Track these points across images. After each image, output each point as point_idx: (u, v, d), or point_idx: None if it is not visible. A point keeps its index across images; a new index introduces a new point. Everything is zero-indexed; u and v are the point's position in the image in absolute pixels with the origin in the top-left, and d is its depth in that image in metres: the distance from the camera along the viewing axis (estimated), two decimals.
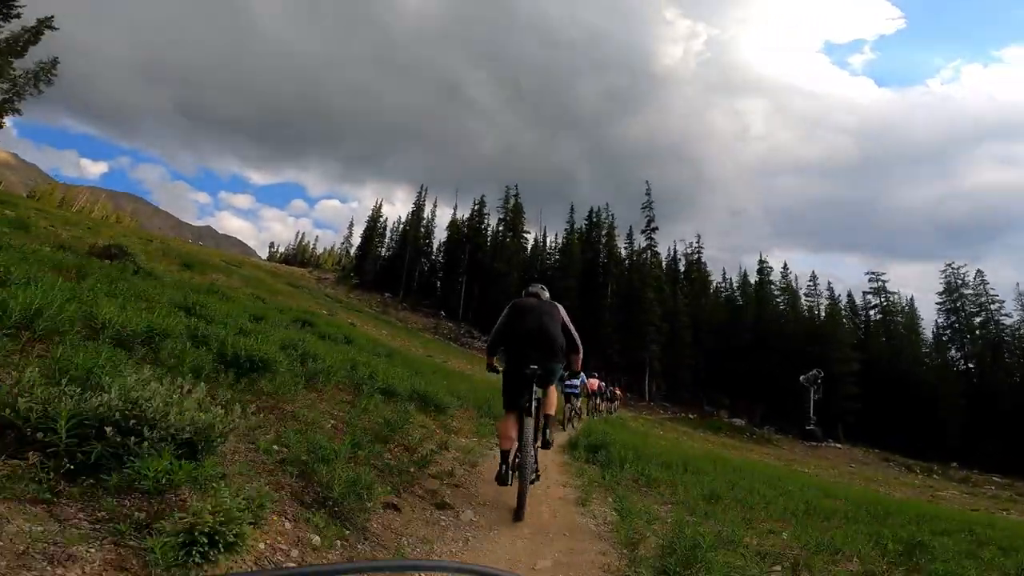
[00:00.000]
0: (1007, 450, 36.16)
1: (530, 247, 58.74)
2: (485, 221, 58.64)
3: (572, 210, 57.80)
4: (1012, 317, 44.65)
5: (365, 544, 2.33)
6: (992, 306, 45.57)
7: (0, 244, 6.86)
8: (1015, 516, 14.34)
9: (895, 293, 53.06)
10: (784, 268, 54.81)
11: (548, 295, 3.96)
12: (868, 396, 41.59)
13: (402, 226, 61.90)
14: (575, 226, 56.84)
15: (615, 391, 22.52)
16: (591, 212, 57.50)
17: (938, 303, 49.65)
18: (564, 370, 3.65)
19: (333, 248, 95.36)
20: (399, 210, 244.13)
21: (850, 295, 54.51)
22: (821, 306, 52.20)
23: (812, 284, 53.46)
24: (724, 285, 58.23)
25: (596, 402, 16.46)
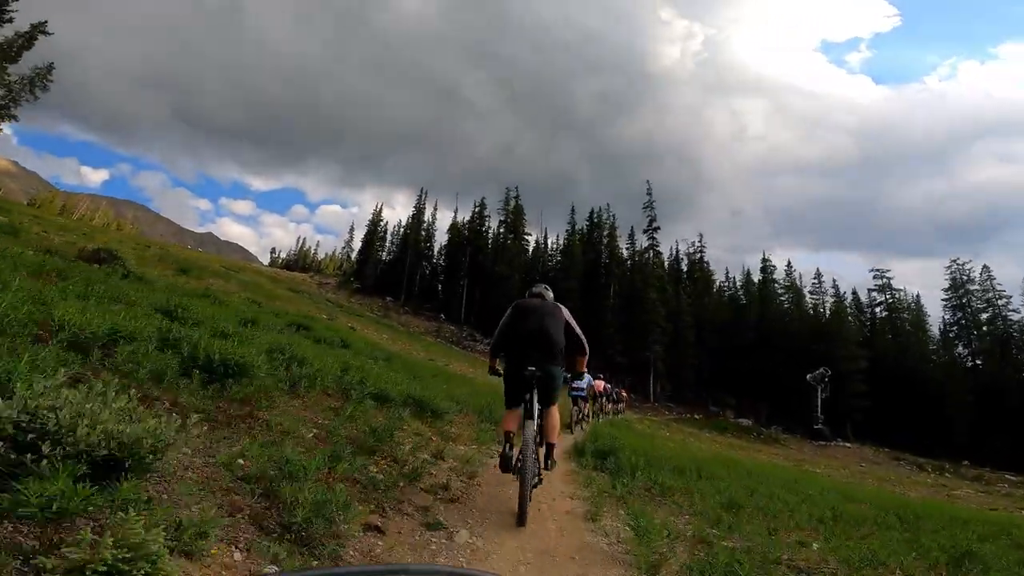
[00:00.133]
0: (1016, 446, 35.62)
1: (531, 249, 58.42)
2: (486, 223, 58.37)
3: (573, 211, 57.56)
4: (1020, 312, 44.06)
5: None
6: (999, 301, 44.99)
7: None
8: None
9: (900, 290, 52.61)
10: (788, 266, 54.32)
11: (552, 296, 3.87)
12: (875, 394, 41.07)
13: (402, 230, 61.67)
14: (576, 227, 56.57)
15: (620, 392, 22.16)
16: (592, 213, 57.22)
17: (944, 299, 49.12)
18: (567, 371, 3.54)
19: (334, 253, 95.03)
20: (399, 214, 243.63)
21: (855, 292, 53.90)
22: (826, 304, 51.69)
23: (817, 282, 52.98)
24: (727, 284, 57.77)
25: (602, 403, 16.32)
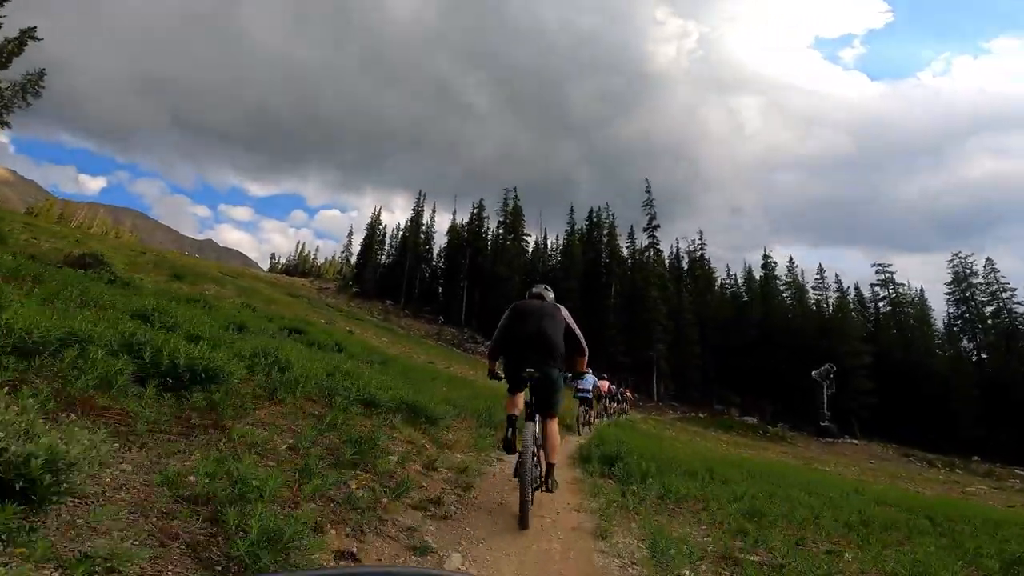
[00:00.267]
0: (1023, 439, 35.20)
1: (531, 250, 58.11)
2: (485, 225, 58.07)
3: (572, 211, 57.26)
4: None
5: None
6: (1004, 294, 44.53)
7: None
8: None
9: (903, 284, 52.16)
10: (790, 262, 53.94)
11: (553, 296, 3.79)
12: (880, 389, 40.62)
13: (401, 233, 61.38)
14: (575, 227, 56.27)
15: (624, 393, 21.80)
16: (591, 212, 56.89)
17: (947, 293, 48.70)
18: (567, 372, 3.49)
19: (334, 258, 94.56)
20: (398, 217, 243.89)
21: (857, 288, 53.42)
22: (829, 300, 51.29)
23: (820, 277, 52.55)
24: (729, 282, 57.34)
25: (605, 404, 16.10)
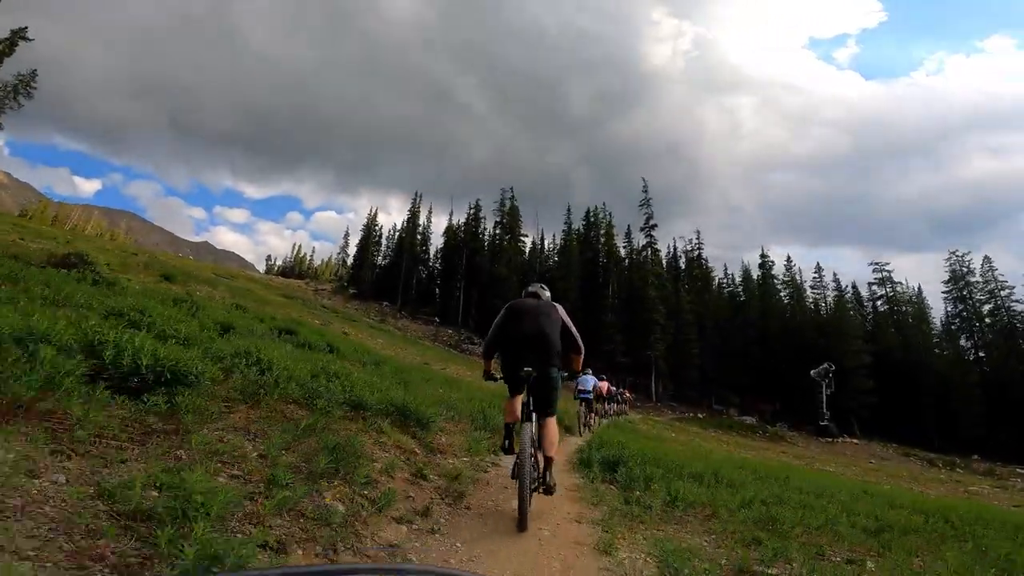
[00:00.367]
0: (1022, 438, 35.07)
1: (528, 250, 57.96)
2: (481, 225, 57.83)
3: (569, 211, 57.05)
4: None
5: None
6: (1002, 292, 44.45)
7: None
8: None
9: (900, 283, 52.10)
10: (788, 261, 53.89)
11: (549, 295, 3.73)
12: (879, 388, 40.50)
13: (398, 234, 61.04)
14: (572, 227, 56.08)
15: (624, 393, 21.57)
16: (588, 212, 56.73)
17: (944, 292, 48.69)
18: (563, 371, 3.45)
19: (330, 259, 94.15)
20: (395, 218, 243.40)
21: (854, 287, 53.36)
22: (828, 299, 51.17)
23: (817, 276, 52.47)
24: (727, 281, 57.26)
25: (605, 405, 15.84)
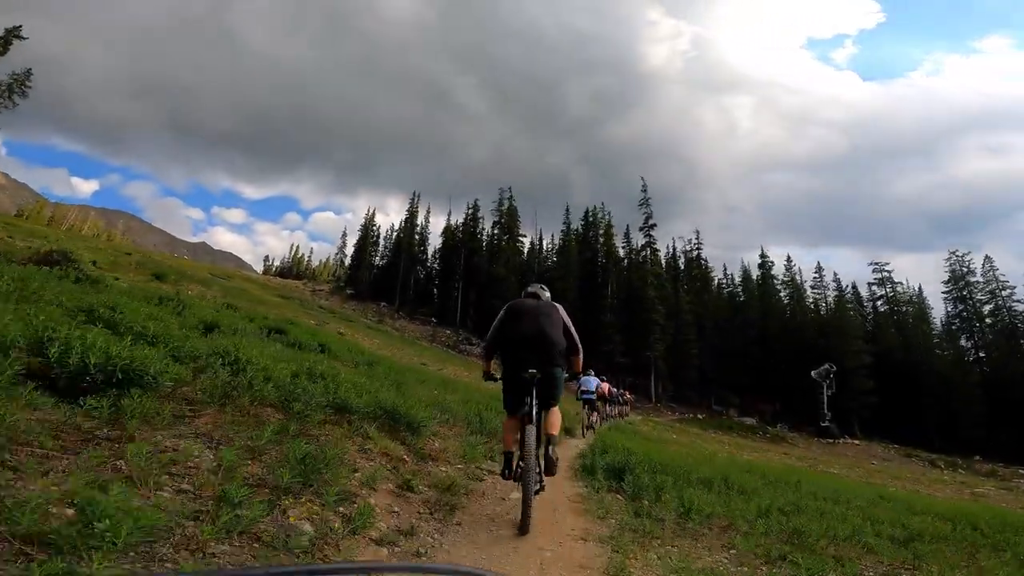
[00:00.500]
0: (1023, 439, 34.85)
1: (527, 250, 57.66)
2: (480, 225, 57.48)
3: (568, 211, 56.73)
4: None
5: None
6: (1004, 292, 44.21)
7: None
8: None
9: (900, 283, 51.88)
10: (788, 261, 53.64)
11: (549, 295, 3.71)
12: (880, 389, 40.24)
13: (395, 234, 60.70)
14: (571, 227, 55.77)
15: (625, 395, 21.24)
16: (587, 212, 56.46)
17: (944, 292, 48.46)
18: (565, 372, 3.40)
19: (328, 260, 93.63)
20: (393, 219, 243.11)
21: (854, 287, 53.12)
22: (828, 299, 50.89)
23: (818, 276, 52.18)
24: (726, 281, 57.03)
25: (606, 407, 15.53)
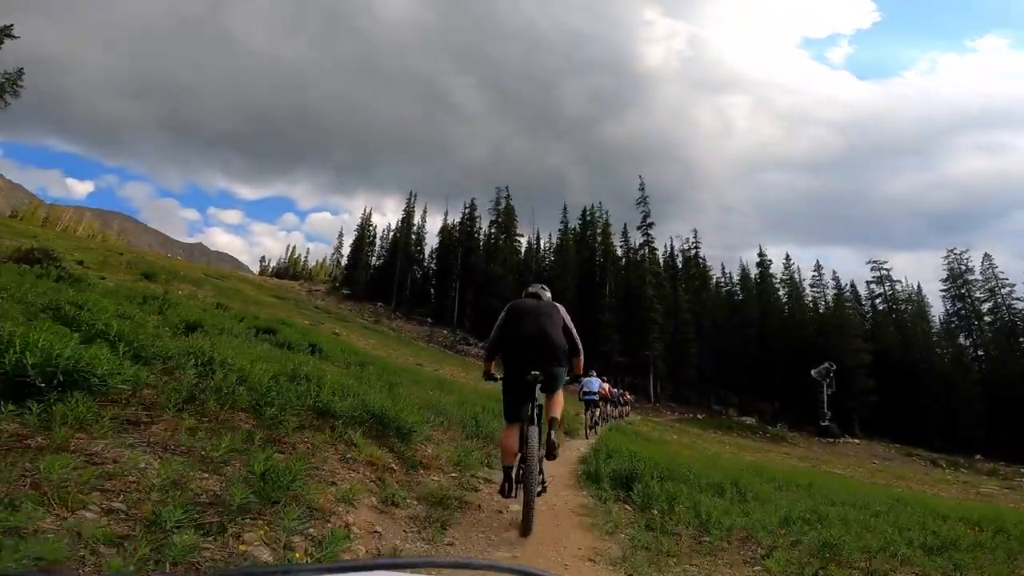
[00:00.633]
0: (1023, 437, 34.73)
1: (524, 250, 57.32)
2: (477, 224, 57.17)
3: (565, 210, 56.41)
4: None
5: None
6: (1003, 290, 44.08)
7: None
8: None
9: (899, 282, 51.75)
10: (787, 259, 53.46)
11: (550, 295, 3.69)
12: (879, 388, 40.05)
13: (392, 234, 60.31)
14: (569, 226, 55.46)
15: (625, 395, 20.95)
16: (584, 211, 56.12)
17: (942, 290, 48.31)
18: (567, 374, 3.38)
19: (324, 260, 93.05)
20: (390, 219, 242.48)
21: (853, 285, 52.89)
22: (827, 298, 50.67)
23: (816, 275, 51.94)
24: (724, 280, 56.79)
25: (607, 408, 15.21)
